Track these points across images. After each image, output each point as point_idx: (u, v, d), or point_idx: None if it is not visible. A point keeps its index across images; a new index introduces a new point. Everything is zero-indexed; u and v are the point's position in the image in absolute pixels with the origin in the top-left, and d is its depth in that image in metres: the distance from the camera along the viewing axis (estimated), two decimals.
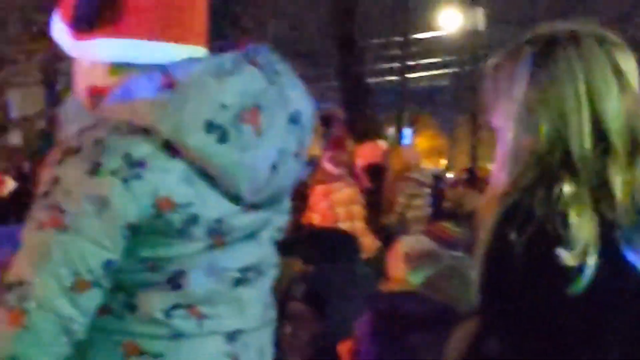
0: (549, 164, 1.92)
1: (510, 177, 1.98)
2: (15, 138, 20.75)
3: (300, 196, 7.48)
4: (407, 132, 19.11)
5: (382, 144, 10.93)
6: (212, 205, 1.87)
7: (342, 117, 14.67)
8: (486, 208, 2.03)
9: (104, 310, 1.86)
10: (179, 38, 1.96)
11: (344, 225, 6.89)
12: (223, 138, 1.84)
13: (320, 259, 5.03)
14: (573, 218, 1.84)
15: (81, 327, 1.82)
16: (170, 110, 1.83)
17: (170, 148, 1.83)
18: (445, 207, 10.09)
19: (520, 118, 1.99)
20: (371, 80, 18.21)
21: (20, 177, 14.74)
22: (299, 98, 1.98)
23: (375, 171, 8.64)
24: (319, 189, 7.21)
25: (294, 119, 1.94)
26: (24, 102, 19.97)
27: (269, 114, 1.88)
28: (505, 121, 2.03)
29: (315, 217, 7.07)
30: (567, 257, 1.82)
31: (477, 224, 2.05)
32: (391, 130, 18.03)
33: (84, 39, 1.96)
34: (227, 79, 1.86)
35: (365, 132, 12.06)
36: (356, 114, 15.15)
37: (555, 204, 1.86)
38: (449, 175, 16.94)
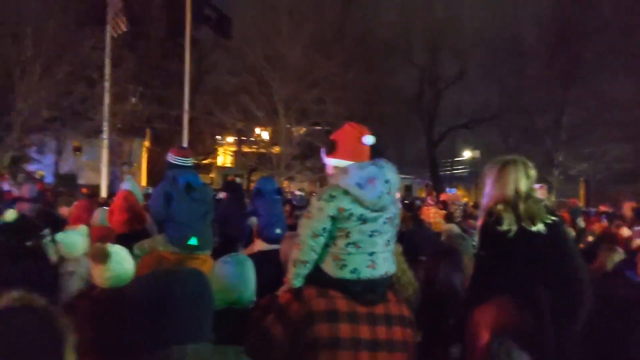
0: (499, 201, 2.57)
1: (488, 205, 2.58)
2: None
3: (416, 211, 10.21)
4: (452, 190, 21.81)
5: (452, 194, 14.53)
6: (358, 210, 2.49)
7: (431, 185, 21.44)
8: (481, 216, 2.60)
9: (327, 245, 2.53)
10: (358, 160, 2.56)
11: (434, 222, 9.07)
12: (362, 187, 2.46)
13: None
14: (503, 215, 2.53)
15: (318, 248, 2.52)
16: (343, 178, 2.50)
17: (347, 192, 2.47)
18: (468, 213, 11.50)
19: (492, 188, 2.60)
20: (441, 172, 25.76)
21: None
22: (390, 175, 2.54)
23: (445, 203, 11.93)
24: (425, 208, 10.28)
25: (386, 181, 2.52)
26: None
27: (378, 180, 2.49)
28: (486, 188, 2.66)
29: (424, 217, 9.21)
30: (501, 227, 2.49)
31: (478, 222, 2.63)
32: (448, 189, 21.79)
33: (326, 158, 2.64)
34: (363, 169, 2.51)
35: (439, 190, 19.08)
36: (435, 184, 22.40)
37: (498, 212, 2.53)
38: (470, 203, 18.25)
